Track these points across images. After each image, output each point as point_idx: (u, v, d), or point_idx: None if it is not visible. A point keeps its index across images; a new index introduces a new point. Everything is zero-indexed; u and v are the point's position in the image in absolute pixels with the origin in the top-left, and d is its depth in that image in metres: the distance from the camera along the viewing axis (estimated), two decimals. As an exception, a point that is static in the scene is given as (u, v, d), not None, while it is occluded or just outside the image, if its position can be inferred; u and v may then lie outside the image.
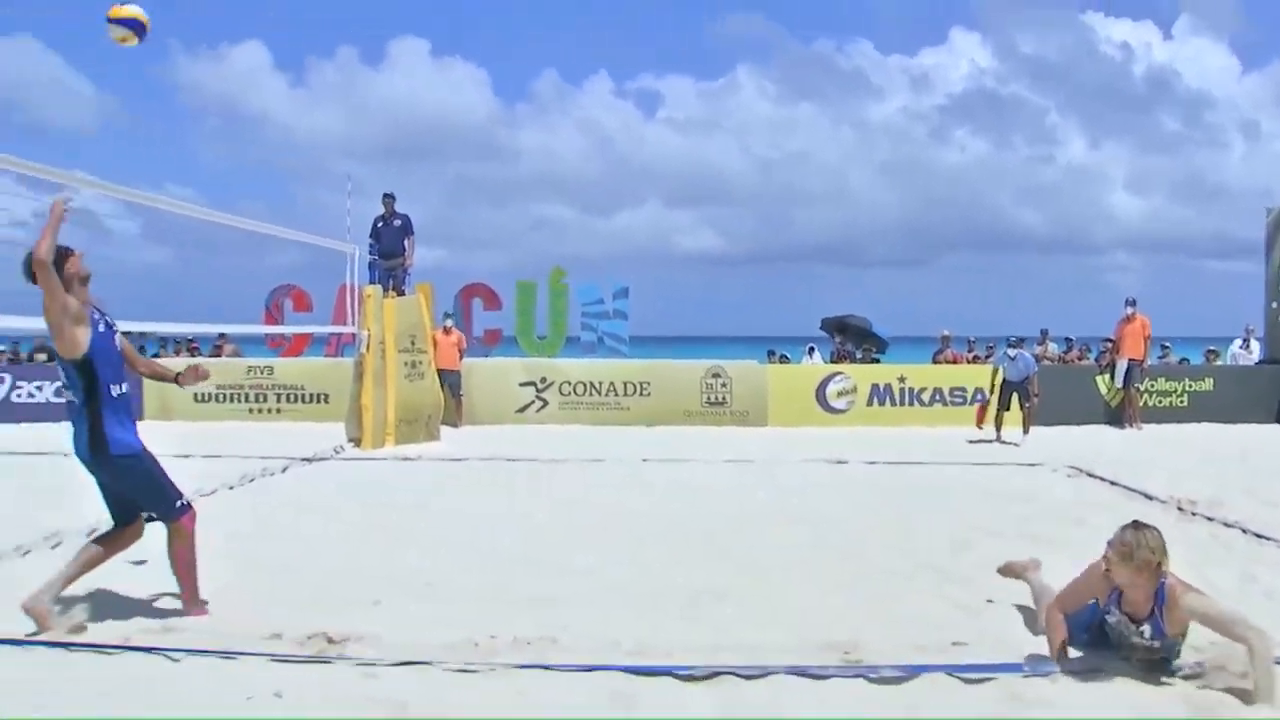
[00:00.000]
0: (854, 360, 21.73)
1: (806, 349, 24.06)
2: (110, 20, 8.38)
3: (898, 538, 8.57)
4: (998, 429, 16.26)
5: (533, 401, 18.79)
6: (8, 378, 19.42)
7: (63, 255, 5.62)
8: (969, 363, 21.25)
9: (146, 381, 16.98)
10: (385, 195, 17.12)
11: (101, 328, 5.72)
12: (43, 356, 21.76)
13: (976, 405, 17.27)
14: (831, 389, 18.77)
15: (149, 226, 10.66)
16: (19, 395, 19.30)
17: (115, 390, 5.72)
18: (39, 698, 4.70)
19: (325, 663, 5.20)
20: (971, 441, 16.03)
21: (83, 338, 5.59)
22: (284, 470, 12.52)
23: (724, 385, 18.67)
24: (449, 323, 18.35)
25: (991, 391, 16.58)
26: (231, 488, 11.17)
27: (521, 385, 18.85)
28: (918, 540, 8.46)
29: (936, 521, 9.30)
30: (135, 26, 8.47)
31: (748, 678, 4.94)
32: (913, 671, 5.01)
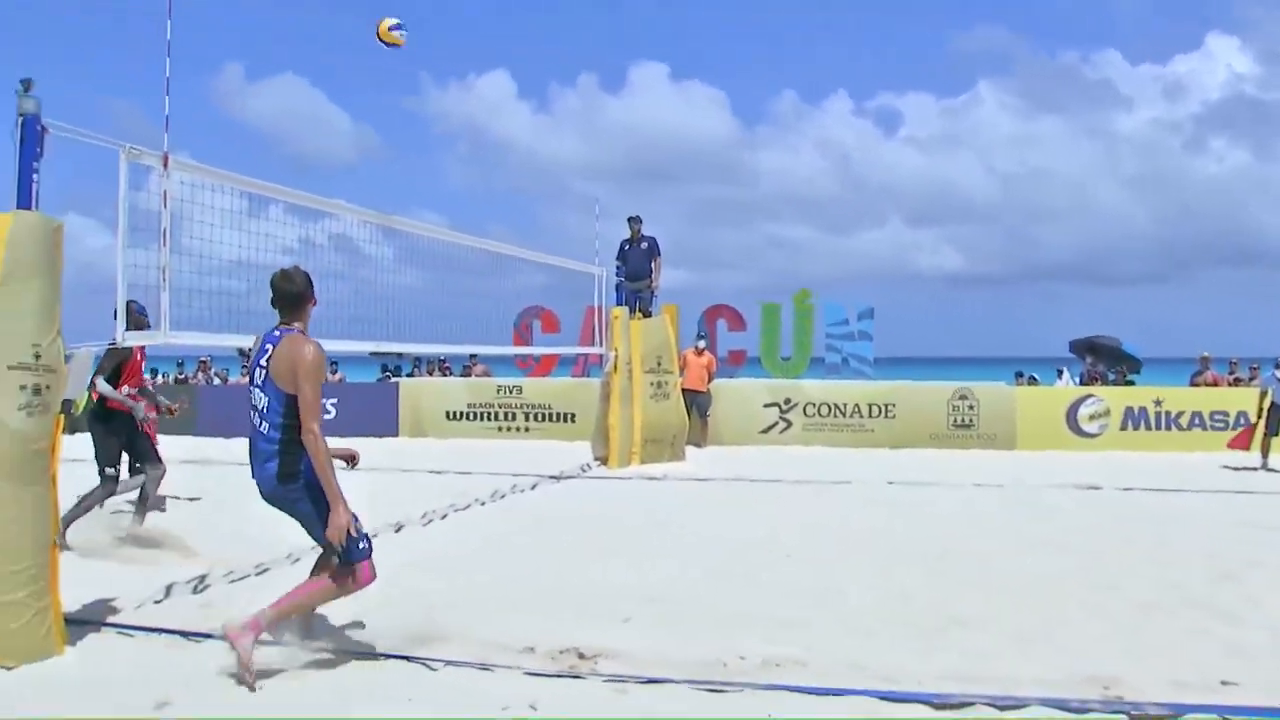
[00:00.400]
0: (1106, 382, 20.89)
1: (1056, 370, 23.27)
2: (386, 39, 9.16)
3: (1156, 567, 8.18)
4: (1264, 455, 15.35)
5: (777, 422, 18.77)
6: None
7: (311, 292, 5.69)
8: (1230, 385, 20.13)
9: (402, 399, 17.49)
10: (631, 218, 17.27)
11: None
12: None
13: (1240, 430, 16.27)
14: (1083, 412, 18.09)
15: (403, 250, 11.14)
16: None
17: None
18: (307, 700, 4.98)
19: (577, 678, 5.32)
20: (1234, 468, 15.17)
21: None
22: (533, 487, 12.87)
23: (971, 407, 18.23)
24: (701, 344, 18.57)
25: (1258, 416, 15.66)
26: (483, 503, 11.56)
27: (766, 406, 18.85)
28: (1177, 571, 8.05)
29: (1198, 551, 8.84)
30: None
31: (1001, 708, 4.81)
32: (1178, 710, 4.78)
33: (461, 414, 19.95)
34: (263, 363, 5.48)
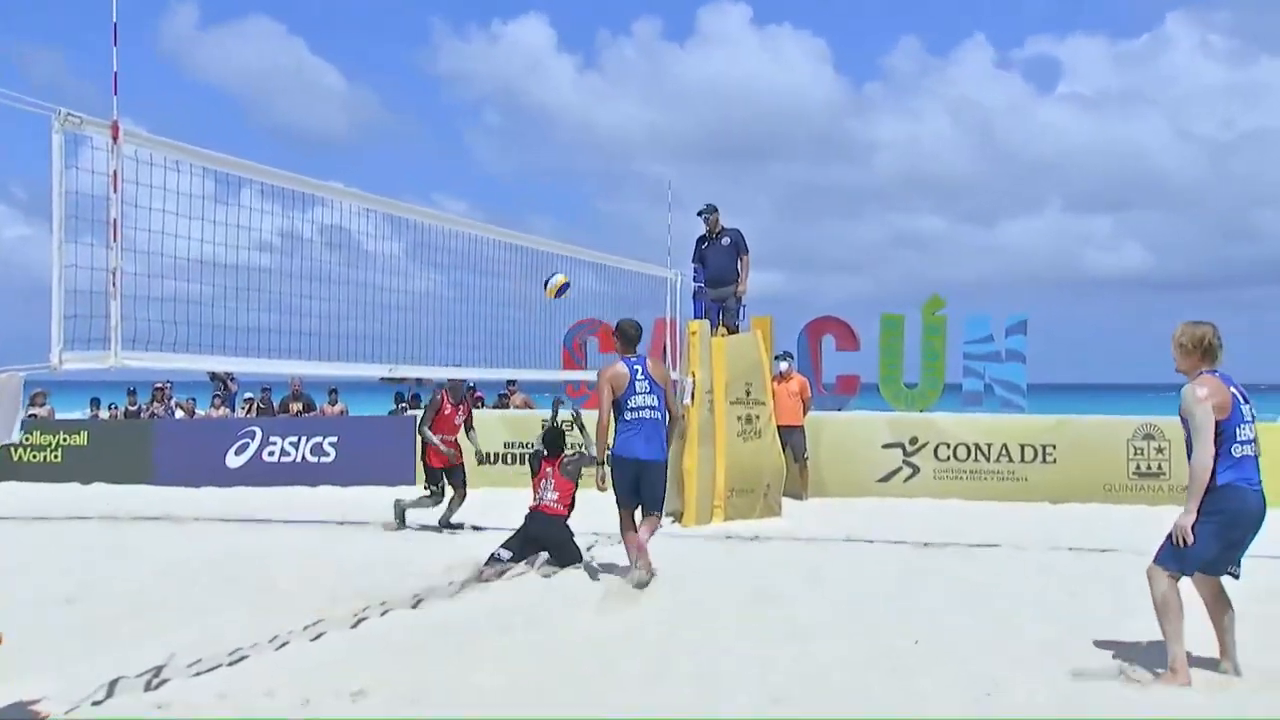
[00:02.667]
0: (1347, 418, 20.42)
1: (1284, 401, 22.78)
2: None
3: None
4: None
5: (900, 468, 18.54)
6: (258, 432, 20.81)
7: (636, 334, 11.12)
8: None
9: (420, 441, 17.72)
10: (703, 210, 16.99)
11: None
12: (298, 406, 23.06)
13: None
14: (1314, 457, 17.58)
15: (418, 247, 11.10)
16: (270, 454, 20.62)
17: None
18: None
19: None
20: None
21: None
22: (589, 549, 12.66)
23: (1159, 450, 17.83)
24: (785, 366, 18.20)
25: None
26: (522, 572, 11.43)
27: (885, 447, 18.61)
28: None
29: None
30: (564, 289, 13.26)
31: None
32: None
33: (497, 456, 19.75)
34: (641, 377, 10.70)
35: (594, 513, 12.03)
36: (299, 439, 20.42)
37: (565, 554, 11.64)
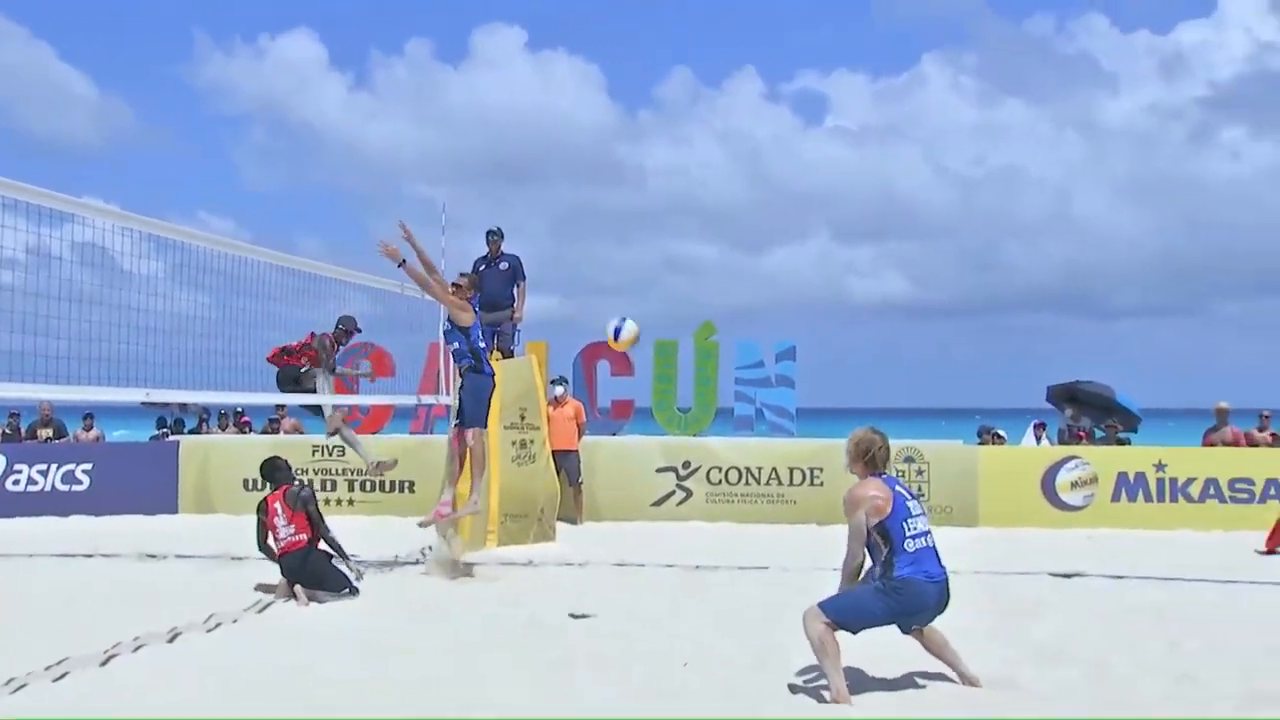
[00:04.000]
0: (1093, 441, 21.03)
1: (1032, 426, 23.37)
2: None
3: (1172, 682, 8.04)
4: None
5: (673, 492, 18.58)
6: (2, 459, 19.71)
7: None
8: (1263, 444, 20.21)
9: (183, 464, 17.19)
10: (490, 231, 17.05)
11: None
12: (48, 432, 22.15)
13: None
14: (1063, 478, 18.10)
15: (179, 268, 10.70)
16: (15, 482, 19.49)
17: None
18: None
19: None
20: (1265, 553, 15.08)
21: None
22: (358, 579, 12.39)
23: (920, 472, 18.15)
24: (561, 390, 18.23)
25: None
26: (287, 599, 11.13)
27: (659, 471, 18.67)
28: (1201, 687, 7.89)
29: (1220, 662, 8.67)
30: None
31: None
32: None
33: (265, 483, 19.31)
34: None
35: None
36: (48, 467, 19.36)
37: (329, 583, 11.47)
